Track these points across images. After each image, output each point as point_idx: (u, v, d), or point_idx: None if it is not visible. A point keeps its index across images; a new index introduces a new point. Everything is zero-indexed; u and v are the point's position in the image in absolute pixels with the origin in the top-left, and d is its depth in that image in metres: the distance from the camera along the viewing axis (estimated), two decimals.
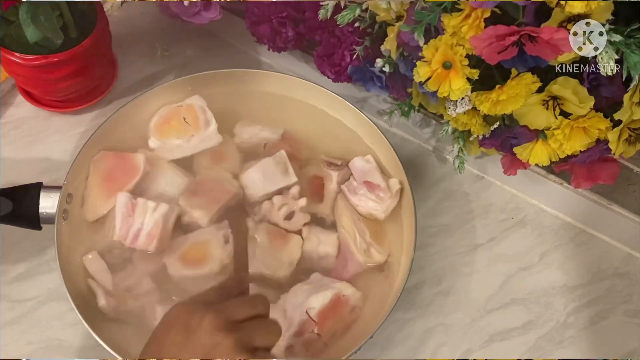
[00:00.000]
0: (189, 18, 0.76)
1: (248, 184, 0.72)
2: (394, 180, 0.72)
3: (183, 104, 0.75)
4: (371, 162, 0.73)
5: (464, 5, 0.55)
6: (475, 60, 0.58)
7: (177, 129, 0.74)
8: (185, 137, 0.74)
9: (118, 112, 0.73)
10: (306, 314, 0.64)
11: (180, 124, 0.74)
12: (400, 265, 0.69)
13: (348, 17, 0.65)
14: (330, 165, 0.74)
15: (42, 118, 0.84)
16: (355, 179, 0.72)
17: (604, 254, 0.80)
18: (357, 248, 0.69)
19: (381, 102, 0.84)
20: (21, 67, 0.73)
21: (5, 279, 0.72)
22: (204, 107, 0.75)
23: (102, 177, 0.70)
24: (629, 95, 0.56)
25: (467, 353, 0.73)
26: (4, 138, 0.82)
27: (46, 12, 0.68)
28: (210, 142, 0.74)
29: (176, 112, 0.75)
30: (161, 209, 0.67)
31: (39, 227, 0.68)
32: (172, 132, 0.74)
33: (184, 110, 0.75)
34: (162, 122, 0.74)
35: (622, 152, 0.61)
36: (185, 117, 0.74)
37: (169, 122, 0.74)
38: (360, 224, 0.71)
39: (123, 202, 0.67)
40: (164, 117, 0.74)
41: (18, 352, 0.68)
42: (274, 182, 0.72)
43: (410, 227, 0.70)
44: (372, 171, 0.72)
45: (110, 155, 0.72)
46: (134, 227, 0.66)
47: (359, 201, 0.71)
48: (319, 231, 0.71)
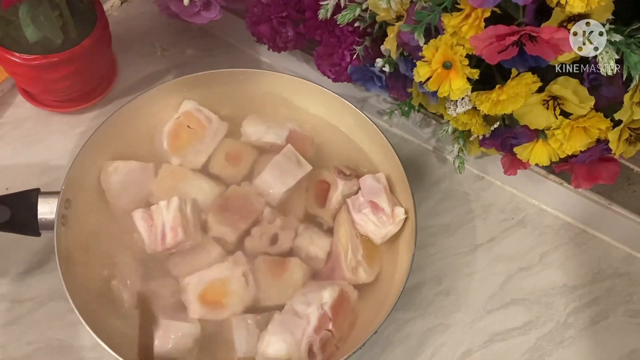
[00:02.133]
0: (189, 18, 0.76)
1: (266, 186, 0.72)
2: (399, 209, 0.70)
3: (180, 115, 0.76)
4: (382, 181, 0.72)
5: (464, 5, 0.55)
6: (476, 60, 0.58)
7: (188, 138, 0.75)
8: (198, 140, 0.75)
9: (118, 112, 0.73)
10: (322, 309, 0.64)
11: (189, 133, 0.75)
12: (401, 265, 0.69)
13: (348, 17, 0.65)
14: (339, 173, 0.74)
15: (42, 118, 0.84)
16: (363, 196, 0.72)
17: (604, 254, 0.80)
18: (346, 264, 0.68)
19: (381, 102, 0.84)
20: (21, 67, 0.73)
21: (5, 279, 0.72)
22: (197, 108, 0.76)
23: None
24: (629, 95, 0.56)
25: (467, 353, 0.73)
26: (4, 138, 0.82)
27: (46, 12, 0.68)
28: (222, 132, 0.76)
29: (178, 125, 0.75)
30: (173, 203, 0.68)
31: (37, 233, 0.68)
32: (186, 142, 0.75)
33: (184, 119, 0.75)
34: (173, 140, 0.75)
35: (622, 152, 0.61)
36: (188, 125, 0.75)
37: (178, 137, 0.75)
38: (356, 240, 0.70)
39: (140, 217, 0.68)
40: (171, 135, 0.75)
41: (18, 352, 0.68)
42: (292, 176, 0.72)
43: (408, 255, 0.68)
44: (379, 192, 0.71)
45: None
46: (158, 229, 0.67)
47: (360, 220, 0.71)
48: (314, 232, 0.71)
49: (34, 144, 0.82)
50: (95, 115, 0.84)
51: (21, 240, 0.69)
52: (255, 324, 0.65)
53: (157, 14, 0.82)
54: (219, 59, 0.91)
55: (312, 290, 0.66)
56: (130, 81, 0.87)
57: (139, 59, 0.89)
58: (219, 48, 0.92)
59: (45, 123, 0.83)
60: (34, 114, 0.84)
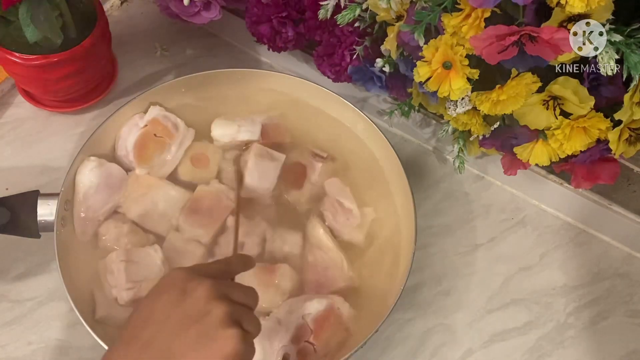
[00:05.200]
0: (189, 18, 0.76)
1: (253, 191, 0.72)
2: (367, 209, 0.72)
3: (147, 123, 0.74)
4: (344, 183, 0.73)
5: (464, 5, 0.55)
6: (476, 60, 0.58)
7: (154, 148, 0.73)
8: (165, 149, 0.73)
9: (118, 112, 0.73)
10: (302, 319, 0.64)
11: (156, 142, 0.73)
12: (400, 265, 0.69)
13: (348, 17, 0.65)
14: (315, 156, 0.75)
15: (42, 118, 0.84)
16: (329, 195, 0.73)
17: (604, 254, 0.80)
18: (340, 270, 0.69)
19: (381, 102, 0.84)
20: (21, 67, 0.73)
21: (5, 279, 0.72)
22: (164, 115, 0.75)
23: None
24: (629, 95, 0.56)
25: (467, 353, 0.73)
26: (4, 138, 0.82)
27: (46, 12, 0.68)
28: (188, 139, 0.75)
29: (145, 134, 0.73)
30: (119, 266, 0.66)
31: (37, 235, 0.68)
32: (152, 152, 0.73)
33: (151, 128, 0.74)
34: (140, 150, 0.73)
35: (622, 152, 0.61)
36: (155, 133, 0.74)
37: (145, 147, 0.73)
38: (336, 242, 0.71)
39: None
40: (138, 146, 0.73)
41: (18, 352, 0.68)
42: (272, 170, 0.73)
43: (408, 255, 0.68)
44: (344, 192, 0.72)
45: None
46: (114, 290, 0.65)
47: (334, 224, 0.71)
48: (283, 232, 0.71)
49: (33, 144, 0.82)
50: (95, 115, 0.84)
51: (21, 241, 0.69)
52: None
53: (157, 14, 0.82)
54: (219, 59, 0.91)
55: (299, 301, 0.66)
56: (130, 81, 0.87)
57: (139, 59, 0.89)
58: (219, 48, 0.92)
59: (45, 123, 0.83)
60: (34, 114, 0.84)
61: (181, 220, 0.70)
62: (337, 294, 0.67)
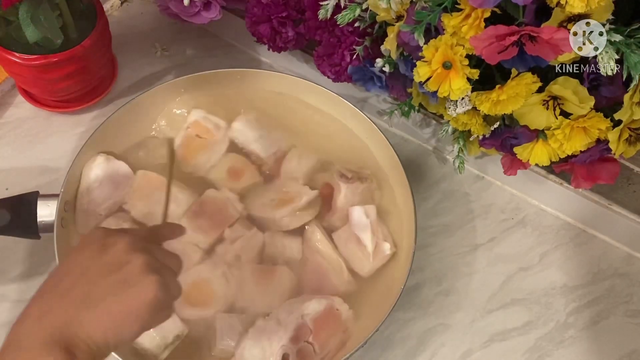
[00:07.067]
0: (189, 18, 0.76)
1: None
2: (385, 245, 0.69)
3: (189, 126, 0.76)
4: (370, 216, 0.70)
5: (464, 5, 0.55)
6: (475, 60, 0.58)
7: (198, 149, 0.75)
8: (209, 149, 0.75)
9: (118, 112, 0.73)
10: (302, 320, 0.64)
11: (199, 143, 0.75)
12: (400, 265, 0.69)
13: (348, 17, 0.65)
14: (341, 176, 0.73)
15: (42, 118, 0.83)
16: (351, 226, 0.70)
17: (604, 254, 0.80)
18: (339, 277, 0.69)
19: (381, 102, 0.84)
20: (21, 67, 0.73)
21: (5, 279, 0.72)
22: (206, 117, 0.76)
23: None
24: (629, 95, 0.56)
25: (467, 353, 0.73)
26: (4, 138, 0.82)
27: (46, 12, 0.68)
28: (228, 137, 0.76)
29: (188, 136, 0.75)
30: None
31: (37, 236, 0.68)
32: (197, 153, 0.75)
33: (193, 130, 0.76)
34: (184, 152, 0.75)
35: (622, 152, 0.61)
36: (197, 134, 0.75)
37: (188, 147, 0.75)
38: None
39: None
40: (183, 147, 0.75)
41: None
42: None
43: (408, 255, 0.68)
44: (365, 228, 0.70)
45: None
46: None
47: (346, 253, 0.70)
48: (281, 236, 0.71)
49: (34, 144, 0.82)
50: (95, 115, 0.84)
51: (22, 241, 0.69)
52: (239, 321, 0.65)
53: (157, 14, 0.82)
54: (219, 59, 0.91)
55: (298, 301, 0.66)
56: (130, 81, 0.87)
57: (139, 59, 0.89)
58: (219, 48, 0.92)
59: (45, 123, 0.83)
60: (34, 114, 0.84)
61: (183, 222, 0.70)
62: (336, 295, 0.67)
